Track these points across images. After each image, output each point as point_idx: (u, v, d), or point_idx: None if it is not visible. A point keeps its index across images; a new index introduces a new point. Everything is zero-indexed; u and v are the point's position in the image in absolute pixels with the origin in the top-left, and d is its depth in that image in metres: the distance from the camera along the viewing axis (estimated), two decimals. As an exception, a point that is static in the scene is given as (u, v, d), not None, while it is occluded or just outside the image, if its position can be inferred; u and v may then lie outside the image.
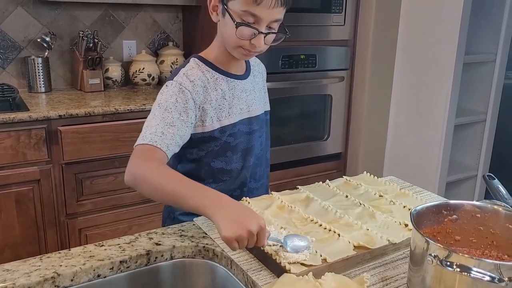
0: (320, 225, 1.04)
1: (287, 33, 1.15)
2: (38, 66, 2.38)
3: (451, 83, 2.40)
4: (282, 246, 0.92)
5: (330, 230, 1.02)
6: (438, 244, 0.75)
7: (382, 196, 1.22)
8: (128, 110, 2.16)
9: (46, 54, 2.43)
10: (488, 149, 2.72)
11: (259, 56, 1.23)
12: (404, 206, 1.16)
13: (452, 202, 0.93)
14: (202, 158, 1.22)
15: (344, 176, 1.36)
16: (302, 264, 0.89)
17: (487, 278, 0.70)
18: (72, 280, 0.91)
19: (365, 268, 0.95)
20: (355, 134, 2.97)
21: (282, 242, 0.93)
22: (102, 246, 1.00)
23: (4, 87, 2.28)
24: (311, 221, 1.06)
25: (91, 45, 2.47)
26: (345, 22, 2.73)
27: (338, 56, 2.79)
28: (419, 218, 0.86)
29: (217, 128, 1.19)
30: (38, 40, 2.42)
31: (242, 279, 0.93)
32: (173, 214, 1.30)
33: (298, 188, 1.26)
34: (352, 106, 2.94)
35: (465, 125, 2.65)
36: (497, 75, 2.60)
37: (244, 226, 0.85)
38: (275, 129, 2.75)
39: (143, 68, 2.62)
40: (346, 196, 1.21)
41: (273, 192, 1.24)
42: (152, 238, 1.04)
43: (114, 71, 2.59)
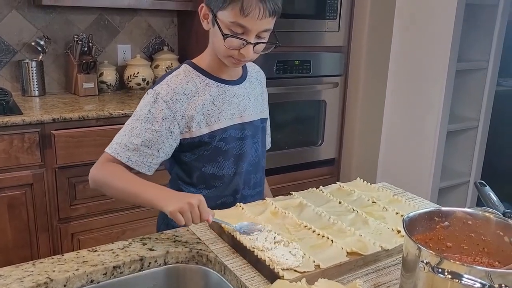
0: (313, 231, 1.05)
1: (278, 42, 1.17)
2: (32, 70, 2.37)
3: (444, 90, 2.42)
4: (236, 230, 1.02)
5: (323, 236, 1.02)
6: (430, 251, 0.75)
7: (375, 202, 1.23)
8: (122, 114, 2.15)
9: (40, 57, 2.43)
10: (480, 155, 2.75)
11: (255, 60, 1.24)
12: (397, 213, 1.17)
13: (444, 209, 0.94)
14: (193, 162, 1.23)
15: (337, 182, 1.36)
16: (295, 270, 0.90)
17: (478, 285, 0.70)
18: (65, 285, 0.90)
19: (358, 274, 0.95)
20: (349, 139, 2.98)
21: (232, 226, 1.03)
22: (96, 251, 1.00)
23: (-3, 91, 2.27)
24: (305, 227, 1.07)
25: (86, 49, 2.47)
26: (339, 28, 2.75)
27: (332, 62, 2.80)
28: (412, 225, 0.87)
29: (206, 133, 1.20)
30: (33, 43, 2.42)
31: (235, 285, 0.93)
32: (167, 220, 1.29)
33: (292, 194, 1.27)
34: (346, 112, 2.96)
35: (457, 131, 2.67)
36: (489, 82, 2.63)
37: (183, 200, 0.99)
38: (271, 134, 2.77)
39: (138, 72, 2.62)
40: (340, 202, 1.22)
41: (267, 197, 1.24)
42: (145, 244, 1.04)
43: (109, 75, 2.59)
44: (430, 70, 2.47)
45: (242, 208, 1.16)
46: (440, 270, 0.73)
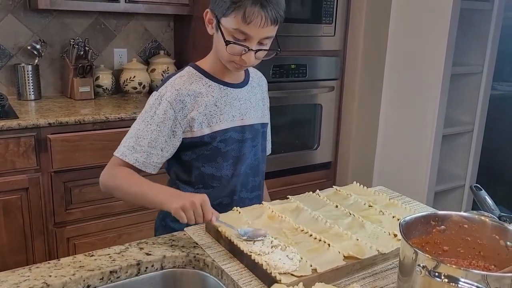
0: (310, 235, 1.05)
1: (279, 49, 1.19)
2: (28, 74, 2.37)
3: (439, 94, 2.44)
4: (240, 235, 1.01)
5: (320, 240, 1.03)
6: (427, 255, 0.76)
7: (371, 206, 1.23)
8: (118, 118, 2.15)
9: (36, 61, 2.42)
10: (475, 159, 2.76)
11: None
12: (393, 216, 1.17)
13: (440, 212, 0.94)
14: (193, 161, 1.25)
15: (334, 185, 1.37)
16: (292, 274, 0.90)
17: (475, 289, 0.71)
18: (61, 290, 0.90)
19: (354, 278, 0.96)
20: (345, 143, 2.99)
21: (236, 229, 1.02)
22: (92, 256, 1.00)
23: (-7, 95, 2.26)
24: (301, 231, 1.07)
25: (82, 53, 2.47)
26: (335, 33, 2.76)
27: (328, 66, 2.81)
28: (408, 229, 0.87)
29: (207, 133, 1.22)
30: (29, 47, 2.41)
31: (232, 289, 0.93)
32: (164, 222, 1.30)
33: (289, 198, 1.27)
34: (342, 115, 2.97)
35: (453, 135, 2.68)
36: (484, 86, 2.64)
37: (186, 198, 1.03)
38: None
39: (134, 76, 2.62)
40: (336, 206, 1.22)
41: (263, 202, 1.24)
42: (142, 248, 1.04)
43: (105, 79, 2.59)
44: (426, 74, 2.49)
45: (239, 212, 1.16)
46: (436, 274, 0.73)
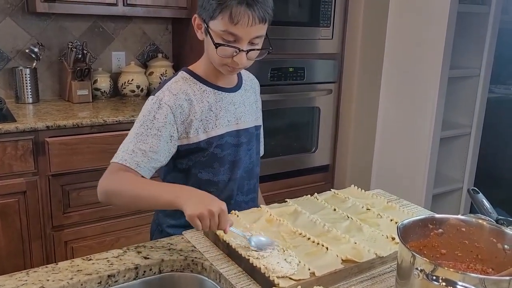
0: (308, 238, 1.05)
1: (271, 47, 1.18)
2: (25, 77, 2.37)
3: (437, 97, 2.44)
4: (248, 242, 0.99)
5: (318, 244, 1.03)
6: (424, 258, 0.76)
7: (369, 209, 1.23)
8: (116, 121, 2.15)
9: (34, 65, 2.42)
10: (473, 162, 2.77)
11: (249, 68, 1.25)
12: (391, 220, 1.17)
13: (437, 216, 0.94)
14: (190, 168, 1.24)
15: (332, 188, 1.37)
16: (290, 278, 0.90)
17: (472, 292, 0.71)
18: (59, 294, 0.90)
19: (352, 281, 0.96)
20: (343, 146, 2.99)
21: (246, 237, 0.99)
22: (90, 260, 0.99)
23: (-10, 98, 2.26)
24: (300, 234, 1.07)
25: (80, 56, 2.47)
26: (333, 36, 2.77)
27: (326, 69, 2.82)
28: (406, 232, 0.87)
29: (203, 139, 1.21)
30: (27, 50, 2.41)
31: (230, 293, 0.93)
32: (161, 227, 1.30)
33: (287, 201, 1.27)
34: (339, 118, 2.97)
35: (450, 138, 2.69)
36: (481, 89, 2.65)
37: (205, 206, 0.96)
38: (264, 140, 2.78)
39: (132, 79, 2.62)
40: (334, 209, 1.22)
41: (261, 205, 1.24)
42: (140, 252, 1.04)
43: (103, 82, 2.59)
44: (423, 77, 2.49)
45: (237, 215, 1.16)
46: (434, 278, 0.74)
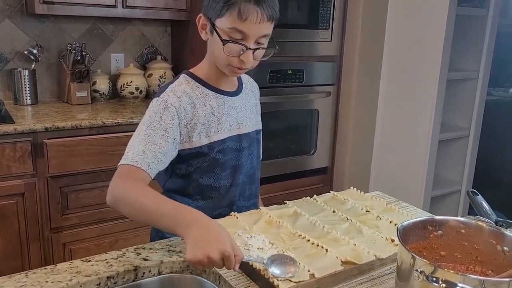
0: (308, 240, 1.05)
1: (276, 47, 1.17)
2: (24, 78, 2.36)
3: (435, 99, 2.45)
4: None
5: (318, 245, 1.03)
6: (424, 260, 0.76)
7: (369, 211, 1.23)
8: (115, 123, 2.15)
9: (33, 66, 2.42)
10: (471, 164, 2.77)
11: (249, 70, 1.24)
12: (390, 222, 1.17)
13: (437, 218, 0.94)
14: (191, 174, 1.22)
15: (331, 190, 1.37)
16: (290, 280, 0.90)
17: (472, 294, 0.71)
18: (58, 296, 0.90)
19: (352, 283, 0.96)
20: (342, 148, 2.99)
21: (264, 263, 0.91)
22: (89, 261, 0.99)
23: (-11, 99, 2.26)
24: (299, 236, 1.07)
25: (79, 58, 2.47)
26: (332, 38, 2.78)
27: (325, 71, 2.82)
28: (405, 234, 0.87)
29: (205, 144, 1.19)
30: (25, 52, 2.41)
31: (230, 295, 0.93)
32: (162, 233, 1.26)
33: (286, 203, 1.27)
34: (338, 121, 2.98)
35: (449, 140, 2.69)
36: (479, 92, 2.66)
37: (205, 253, 0.86)
38: (263, 143, 2.78)
39: (131, 81, 2.62)
40: (334, 211, 1.22)
41: (261, 207, 1.24)
42: (139, 253, 1.04)
43: (102, 84, 2.59)
44: (422, 80, 2.50)
45: (237, 217, 1.16)
46: (434, 279, 0.74)
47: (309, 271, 0.92)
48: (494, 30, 2.58)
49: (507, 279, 0.74)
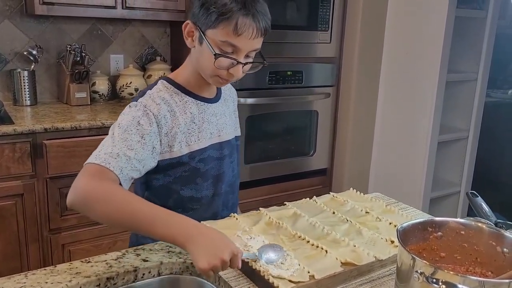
0: (307, 241, 1.05)
1: (265, 61, 1.14)
2: (23, 79, 2.36)
3: (434, 101, 2.45)
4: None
5: (317, 247, 1.03)
6: (424, 261, 0.76)
7: (368, 212, 1.23)
8: (114, 124, 2.15)
9: (32, 67, 2.41)
10: (470, 165, 2.77)
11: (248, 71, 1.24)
12: (390, 223, 1.17)
13: (437, 219, 0.94)
14: (170, 185, 1.16)
15: (330, 192, 1.37)
16: (290, 280, 0.90)
17: (472, 295, 0.71)
18: (57, 297, 0.89)
19: (352, 284, 0.96)
20: (341, 150, 2.99)
21: (257, 255, 0.95)
22: (89, 262, 0.99)
23: (-12, 100, 2.26)
24: (299, 237, 1.07)
25: (78, 58, 2.46)
26: (331, 40, 2.78)
27: (324, 73, 2.83)
28: (405, 235, 0.87)
29: (185, 153, 1.14)
30: (25, 53, 2.41)
31: (230, 296, 0.93)
32: (141, 240, 1.19)
33: (286, 204, 1.27)
34: (337, 122, 2.98)
35: (448, 142, 2.69)
36: (478, 93, 2.66)
37: (217, 256, 0.85)
38: (262, 144, 2.79)
39: (130, 82, 2.62)
40: (333, 212, 1.22)
41: (261, 208, 1.24)
42: (139, 255, 1.03)
43: (101, 85, 2.59)
44: (421, 81, 2.50)
45: (236, 218, 1.16)
46: (434, 280, 0.74)
47: (308, 272, 0.92)
48: (493, 32, 2.59)
49: (507, 281, 0.74)
